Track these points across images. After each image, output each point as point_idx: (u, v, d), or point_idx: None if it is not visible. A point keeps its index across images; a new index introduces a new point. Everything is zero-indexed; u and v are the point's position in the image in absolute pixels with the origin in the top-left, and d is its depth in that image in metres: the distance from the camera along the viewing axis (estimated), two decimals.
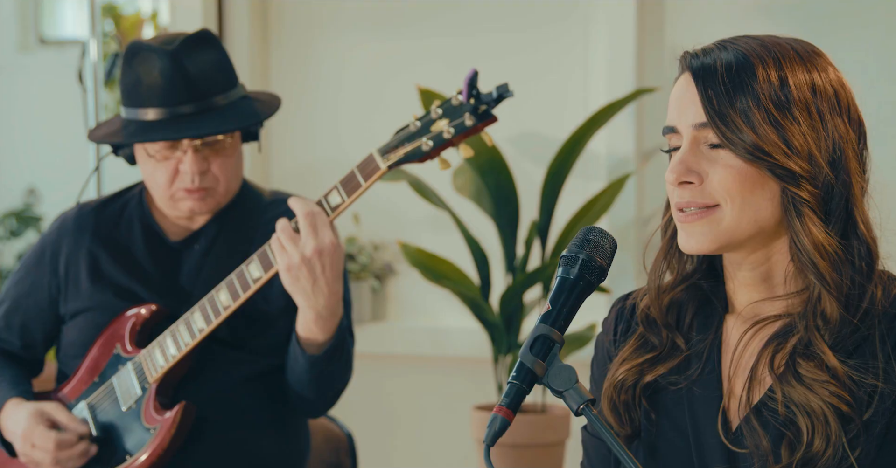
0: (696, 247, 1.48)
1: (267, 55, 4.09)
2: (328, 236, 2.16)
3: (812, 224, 1.45)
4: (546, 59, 3.82)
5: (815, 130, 1.45)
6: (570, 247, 1.44)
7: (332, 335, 2.24)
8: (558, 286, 1.42)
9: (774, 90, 1.45)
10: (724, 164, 1.46)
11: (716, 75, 1.46)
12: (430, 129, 2.13)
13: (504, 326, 3.50)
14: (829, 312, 1.45)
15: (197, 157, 2.30)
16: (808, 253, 1.45)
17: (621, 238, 3.67)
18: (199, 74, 2.29)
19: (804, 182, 1.45)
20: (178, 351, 2.28)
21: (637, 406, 1.55)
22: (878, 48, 3.52)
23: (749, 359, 1.50)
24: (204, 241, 2.38)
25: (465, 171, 3.61)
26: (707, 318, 1.56)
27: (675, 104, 1.50)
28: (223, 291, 2.25)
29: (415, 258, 3.50)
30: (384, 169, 2.14)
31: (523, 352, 1.39)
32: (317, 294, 2.18)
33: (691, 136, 1.47)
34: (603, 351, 1.64)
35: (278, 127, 4.08)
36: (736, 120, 1.44)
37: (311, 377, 2.28)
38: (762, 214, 1.46)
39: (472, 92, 2.10)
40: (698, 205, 1.47)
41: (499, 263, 3.67)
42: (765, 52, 1.47)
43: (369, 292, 3.94)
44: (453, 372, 3.91)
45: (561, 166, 3.51)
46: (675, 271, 1.57)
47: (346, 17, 4.01)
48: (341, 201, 2.18)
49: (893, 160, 3.49)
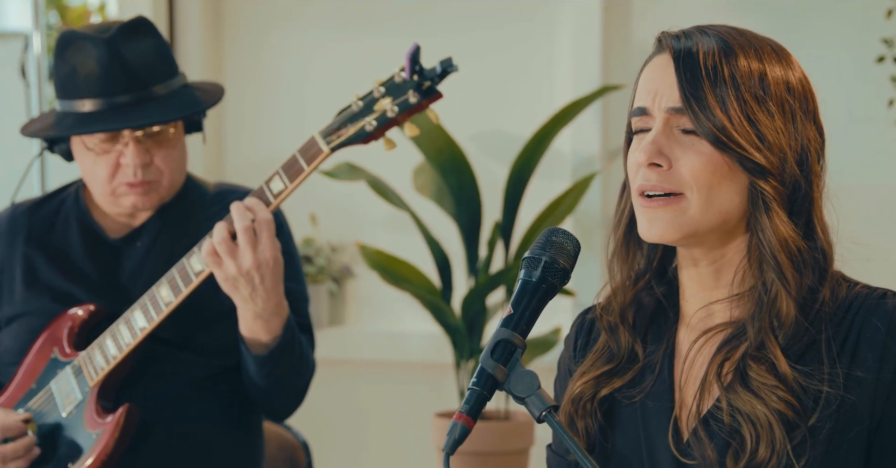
0: (657, 235, 1.48)
1: (220, 48, 4.08)
2: (268, 249, 2.16)
3: (778, 219, 1.46)
4: (510, 55, 3.83)
5: (787, 128, 1.47)
6: (533, 248, 1.44)
7: (279, 334, 2.24)
8: (520, 289, 1.43)
9: (754, 82, 1.46)
10: (696, 151, 1.46)
11: (696, 60, 1.46)
12: (374, 108, 2.13)
13: (466, 330, 3.51)
14: (785, 313, 1.46)
15: (139, 149, 2.28)
16: (772, 248, 1.46)
17: (587, 239, 3.69)
18: (137, 63, 2.28)
19: (772, 177, 1.46)
20: (119, 351, 2.26)
21: (593, 421, 1.56)
22: (848, 46, 3.56)
23: (700, 369, 1.51)
24: (146, 238, 2.37)
25: (425, 170, 3.62)
26: (659, 328, 1.57)
27: (649, 86, 1.50)
28: (164, 287, 2.24)
29: (374, 260, 3.51)
30: (327, 152, 2.14)
31: (484, 357, 1.39)
32: (256, 299, 2.19)
33: (664, 119, 1.48)
34: (564, 368, 1.65)
35: (233, 122, 4.08)
36: (713, 107, 1.45)
37: (263, 376, 2.28)
38: (727, 207, 1.47)
39: (415, 68, 2.09)
40: (664, 190, 1.47)
41: (461, 265, 3.68)
42: (745, 42, 1.49)
43: (327, 295, 3.94)
44: (413, 378, 3.91)
45: (525, 165, 3.52)
46: (628, 267, 1.58)
47: (306, 12, 4.01)
48: (284, 187, 2.18)
49: (866, 158, 3.54)
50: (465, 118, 3.80)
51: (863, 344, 1.46)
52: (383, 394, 3.95)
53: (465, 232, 3.55)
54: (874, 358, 1.45)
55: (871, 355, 1.45)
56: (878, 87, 3.48)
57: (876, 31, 3.47)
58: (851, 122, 3.52)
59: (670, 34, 1.51)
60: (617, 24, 3.74)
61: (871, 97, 3.51)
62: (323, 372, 3.84)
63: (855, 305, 1.48)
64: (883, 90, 3.47)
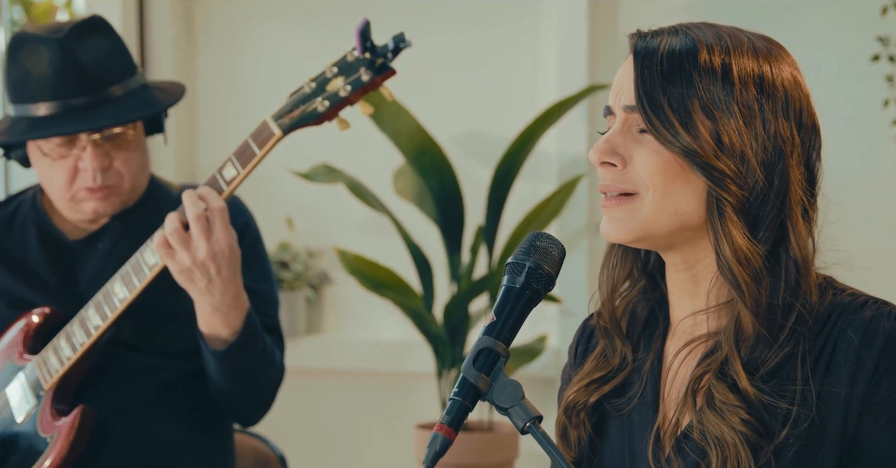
0: (614, 235, 1.49)
1: (192, 46, 4.07)
2: (223, 239, 2.15)
3: (734, 227, 1.44)
4: (493, 53, 3.83)
5: (750, 128, 1.45)
6: (516, 254, 1.44)
7: (238, 328, 2.23)
8: (503, 296, 1.42)
9: (715, 79, 1.45)
10: (650, 150, 1.46)
11: (655, 58, 1.46)
12: (326, 88, 2.13)
13: (448, 339, 3.51)
14: (745, 328, 1.45)
15: (97, 153, 2.27)
16: (727, 259, 1.44)
17: (573, 243, 3.69)
18: (92, 63, 2.27)
19: (730, 182, 1.44)
20: (73, 351, 2.24)
21: (585, 431, 1.56)
22: (841, 45, 3.57)
23: (682, 382, 1.51)
24: (107, 240, 2.36)
25: (406, 172, 3.61)
26: (650, 336, 1.57)
27: (615, 84, 1.51)
28: (118, 283, 2.22)
29: (352, 266, 3.50)
30: (279, 134, 2.14)
31: (466, 366, 1.39)
32: (212, 291, 2.18)
33: (623, 117, 1.49)
34: (566, 379, 1.65)
35: (206, 122, 4.06)
36: (664, 107, 1.44)
37: (223, 374, 2.27)
38: (684, 208, 1.46)
39: (367, 45, 2.09)
40: (618, 190, 1.47)
41: (442, 271, 3.67)
42: (715, 39, 1.47)
43: (304, 303, 3.93)
44: (394, 388, 3.91)
45: (509, 167, 3.52)
46: (623, 272, 1.57)
47: (282, 10, 4.00)
48: (236, 174, 2.17)
49: (860, 160, 3.55)
50: (446, 118, 3.80)
51: (837, 356, 1.45)
52: (362, 405, 3.94)
53: (447, 236, 3.54)
54: (848, 371, 1.44)
55: (844, 368, 1.44)
56: (873, 87, 3.49)
57: (870, 28, 3.47)
58: (845, 123, 3.53)
59: (637, 33, 1.51)
60: (604, 22, 3.74)
61: (866, 97, 3.52)
62: (300, 382, 3.84)
63: (833, 316, 1.47)
64: (877, 90, 3.48)
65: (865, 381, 1.44)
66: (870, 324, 1.45)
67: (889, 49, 3.44)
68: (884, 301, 1.48)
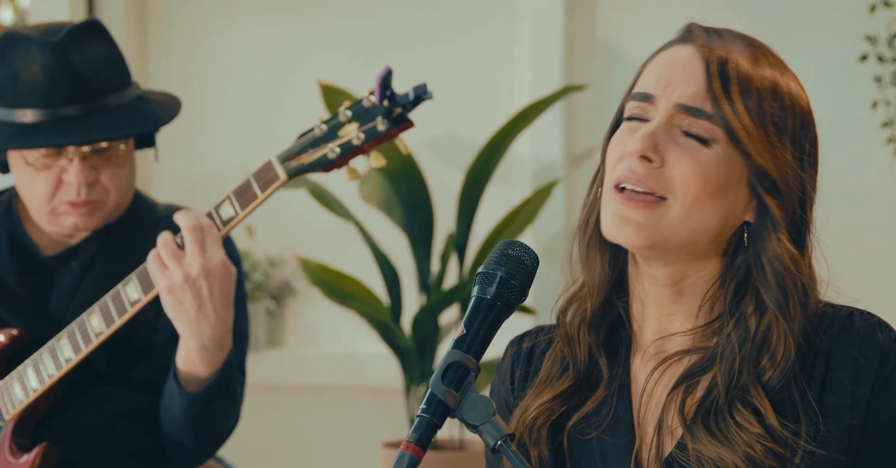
0: (625, 237, 1.47)
1: (145, 46, 4.06)
2: (218, 255, 2.13)
3: (785, 242, 1.46)
4: (465, 51, 3.84)
5: (795, 164, 1.47)
6: (487, 263, 1.44)
7: (218, 370, 2.21)
8: (473, 307, 1.42)
9: (778, 104, 1.48)
10: (693, 158, 1.45)
11: (729, 67, 1.46)
12: (338, 133, 2.11)
13: (417, 352, 3.51)
14: (782, 354, 1.45)
15: (84, 166, 2.25)
16: (778, 274, 1.45)
17: (548, 251, 3.70)
18: (87, 71, 2.25)
19: (780, 198, 1.46)
20: (41, 384, 2.23)
21: (548, 449, 1.55)
22: (828, 44, 3.59)
23: (658, 404, 1.51)
24: (83, 258, 2.34)
25: (372, 177, 3.61)
26: (615, 350, 1.56)
27: (664, 74, 1.49)
28: (95, 315, 2.20)
29: (316, 275, 3.49)
30: (284, 178, 2.12)
31: (434, 381, 1.39)
32: (202, 321, 2.15)
33: (670, 113, 1.47)
34: (500, 401, 1.64)
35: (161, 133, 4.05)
36: (742, 113, 1.45)
37: (188, 418, 2.24)
38: (704, 224, 1.46)
39: (386, 93, 2.08)
40: (648, 188, 1.45)
41: (411, 281, 3.67)
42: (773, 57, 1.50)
43: (265, 314, 3.92)
44: (360, 404, 3.90)
45: (481, 172, 3.52)
46: (597, 271, 1.57)
47: (240, 9, 3.99)
48: (234, 214, 2.15)
49: (848, 164, 3.57)
50: (415, 121, 3.79)
51: (833, 372, 1.46)
52: (326, 422, 3.94)
53: (416, 244, 3.54)
54: (847, 386, 1.45)
55: (844, 383, 1.45)
56: (861, 88, 3.51)
57: (859, 27, 3.50)
58: (832, 126, 3.55)
59: (702, 27, 1.51)
60: (580, 20, 3.75)
61: (854, 98, 3.54)
62: (261, 398, 3.83)
63: (821, 328, 1.48)
64: (866, 91, 3.50)
65: (866, 396, 1.45)
66: (863, 337, 1.46)
67: (878, 48, 3.46)
68: (867, 311, 1.50)
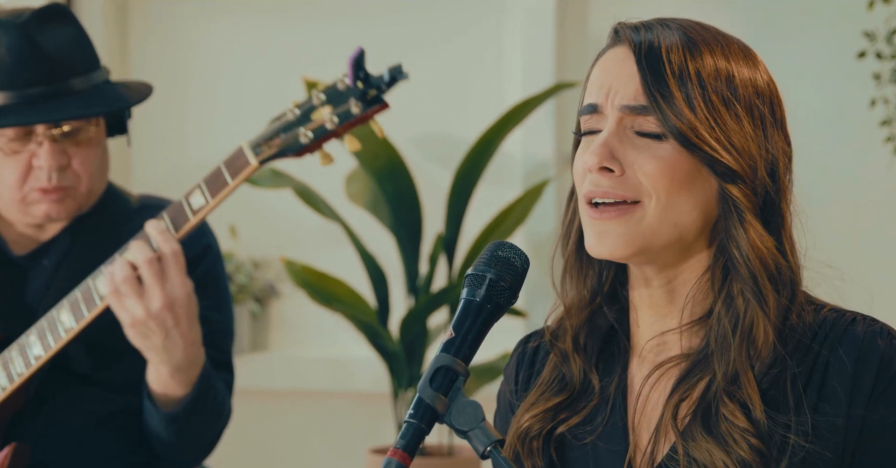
0: (608, 250, 1.48)
1: (126, 42, 4.05)
2: (179, 284, 2.13)
3: (754, 230, 1.46)
4: (454, 49, 3.84)
5: (756, 134, 1.47)
6: (477, 264, 1.44)
7: (194, 383, 2.21)
8: (462, 310, 1.42)
9: (721, 83, 1.46)
10: (653, 155, 1.46)
11: (660, 54, 1.46)
12: (311, 117, 2.12)
13: (405, 356, 3.50)
14: (763, 341, 1.45)
15: (54, 150, 2.25)
16: (750, 263, 1.45)
17: (539, 252, 3.70)
18: (54, 52, 2.26)
19: (743, 184, 1.46)
20: (10, 382, 2.22)
21: (542, 460, 1.55)
22: (826, 40, 3.60)
23: (654, 409, 1.51)
24: (54, 255, 2.33)
25: (359, 176, 3.61)
26: (611, 358, 1.56)
27: (603, 81, 1.49)
28: (65, 311, 2.20)
29: (301, 277, 3.49)
30: (255, 165, 2.12)
31: (422, 386, 1.38)
32: (170, 348, 2.15)
33: (618, 117, 1.48)
34: (504, 403, 1.65)
35: (140, 123, 4.04)
36: (681, 106, 1.44)
37: (171, 433, 2.24)
38: (684, 219, 1.47)
39: (359, 74, 2.08)
40: (617, 197, 1.46)
41: (399, 283, 3.67)
42: (711, 38, 1.49)
43: (248, 317, 3.92)
44: (346, 409, 3.90)
45: (470, 171, 3.52)
46: (580, 287, 1.57)
47: (223, 2, 4.00)
48: (205, 203, 2.15)
49: (846, 163, 3.57)
50: (403, 119, 3.79)
51: (830, 378, 1.46)
52: (311, 428, 3.93)
53: (404, 245, 3.54)
54: (844, 394, 1.45)
55: (840, 390, 1.45)
56: (859, 85, 3.52)
57: (857, 23, 3.50)
58: (829, 125, 3.55)
59: (628, 25, 1.51)
60: (572, 16, 3.75)
61: (852, 96, 3.55)
62: (244, 403, 3.82)
63: (821, 334, 1.48)
64: (864, 88, 3.50)
65: (863, 405, 1.45)
66: (863, 344, 1.46)
67: (876, 45, 3.47)
68: (871, 317, 1.49)
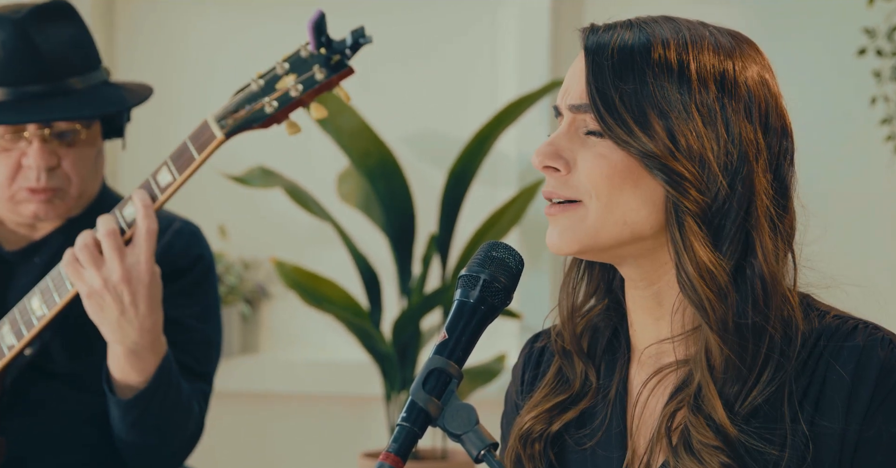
0: (558, 244, 1.49)
1: (112, 35, 4.05)
2: (143, 261, 2.12)
3: (696, 239, 1.44)
4: (448, 45, 3.84)
5: (710, 130, 1.45)
6: (470, 265, 1.44)
7: (151, 375, 2.20)
8: (456, 311, 1.42)
9: (671, 77, 1.45)
10: (596, 154, 1.46)
11: (605, 53, 1.47)
12: (275, 87, 2.12)
13: (397, 358, 3.51)
14: (713, 353, 1.44)
15: (44, 150, 2.24)
16: (688, 274, 1.44)
17: (535, 253, 3.71)
18: (51, 50, 2.25)
19: (689, 187, 1.44)
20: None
21: (540, 463, 1.55)
22: (825, 37, 3.60)
23: (652, 416, 1.51)
24: (46, 254, 2.33)
25: (351, 175, 3.61)
26: (612, 361, 1.56)
27: (565, 83, 1.52)
28: (35, 298, 2.20)
29: (292, 278, 3.49)
30: (221, 137, 2.13)
31: (415, 388, 1.39)
32: (125, 327, 2.14)
33: (570, 118, 1.49)
34: (511, 404, 1.65)
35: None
36: (617, 105, 1.45)
37: (128, 426, 2.23)
38: (633, 217, 1.46)
39: (321, 39, 2.07)
40: (562, 197, 1.48)
41: (391, 284, 3.67)
42: (673, 33, 1.48)
43: (238, 319, 3.92)
44: (338, 412, 3.90)
45: (464, 170, 3.52)
46: (583, 287, 1.58)
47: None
48: (172, 180, 2.15)
49: (845, 162, 3.58)
50: (396, 117, 3.80)
51: (827, 390, 1.45)
52: (302, 432, 3.93)
53: (397, 246, 3.54)
54: (840, 406, 1.44)
55: (837, 403, 1.44)
56: (859, 83, 3.52)
57: (856, 19, 3.51)
58: (828, 123, 3.56)
59: (590, 27, 1.52)
60: (567, 11, 3.76)
61: (851, 94, 3.55)
62: (234, 406, 3.82)
63: (821, 343, 1.46)
64: (864, 86, 3.51)
65: (861, 416, 1.43)
66: (862, 353, 1.44)
67: (876, 42, 3.48)
68: (875, 325, 1.48)
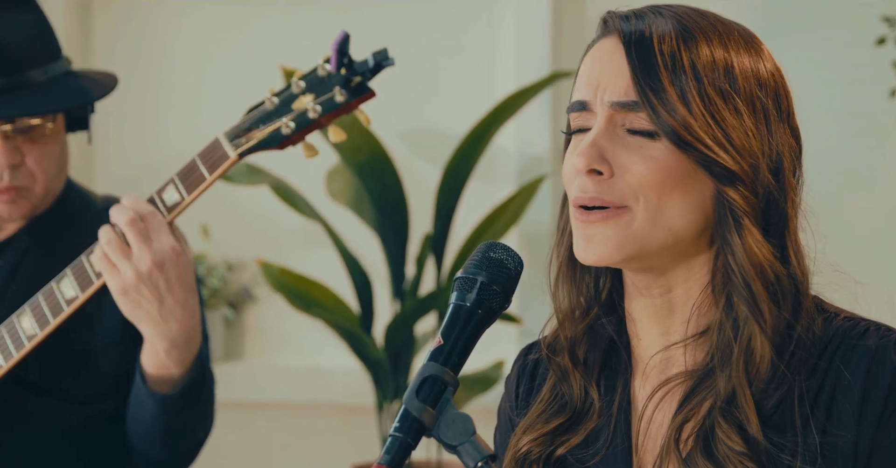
0: (596, 256, 1.47)
1: (88, 24, 4.05)
2: (167, 242, 2.12)
3: (752, 238, 1.45)
4: (442, 34, 3.84)
5: (758, 129, 1.46)
6: (467, 267, 1.44)
7: (190, 366, 2.20)
8: (451, 315, 1.42)
9: (719, 74, 1.46)
10: (645, 155, 1.45)
11: (651, 45, 1.46)
12: (292, 106, 2.11)
13: (390, 365, 3.51)
14: (760, 357, 1.45)
15: (7, 147, 2.24)
16: (745, 274, 1.44)
17: (534, 253, 3.70)
18: (9, 42, 2.25)
19: (742, 186, 1.45)
20: None
21: None
22: (842, 26, 3.61)
23: (659, 430, 1.51)
24: (11, 255, 2.34)
25: (341, 172, 3.61)
26: (613, 374, 1.56)
27: (592, 75, 1.50)
28: (27, 317, 2.20)
29: (278, 280, 3.49)
30: (234, 157, 2.12)
31: (408, 397, 1.39)
32: (167, 317, 2.14)
33: (607, 115, 1.47)
34: (505, 419, 1.64)
35: (103, 116, 4.04)
36: (674, 101, 1.44)
37: (162, 426, 2.24)
38: (679, 224, 1.46)
39: (343, 60, 2.08)
40: (604, 202, 1.46)
41: (384, 287, 3.67)
42: (708, 26, 1.48)
43: (222, 323, 3.92)
44: (327, 422, 3.90)
45: (460, 167, 3.53)
46: (576, 294, 1.57)
47: None
48: (180, 199, 2.15)
49: (863, 157, 3.58)
50: (389, 111, 3.79)
51: (839, 396, 1.45)
52: (290, 443, 3.93)
53: (389, 246, 3.54)
54: (853, 412, 1.44)
55: (849, 409, 1.45)
56: (878, 74, 3.52)
57: (875, 7, 3.51)
58: (846, 116, 3.56)
59: (618, 14, 1.51)
60: (568, 1, 3.76)
61: (869, 85, 3.55)
62: (217, 416, 3.82)
63: (832, 346, 1.47)
64: (883, 77, 3.51)
65: (874, 422, 1.44)
66: (875, 357, 1.45)
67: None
68: (888, 326, 1.48)
